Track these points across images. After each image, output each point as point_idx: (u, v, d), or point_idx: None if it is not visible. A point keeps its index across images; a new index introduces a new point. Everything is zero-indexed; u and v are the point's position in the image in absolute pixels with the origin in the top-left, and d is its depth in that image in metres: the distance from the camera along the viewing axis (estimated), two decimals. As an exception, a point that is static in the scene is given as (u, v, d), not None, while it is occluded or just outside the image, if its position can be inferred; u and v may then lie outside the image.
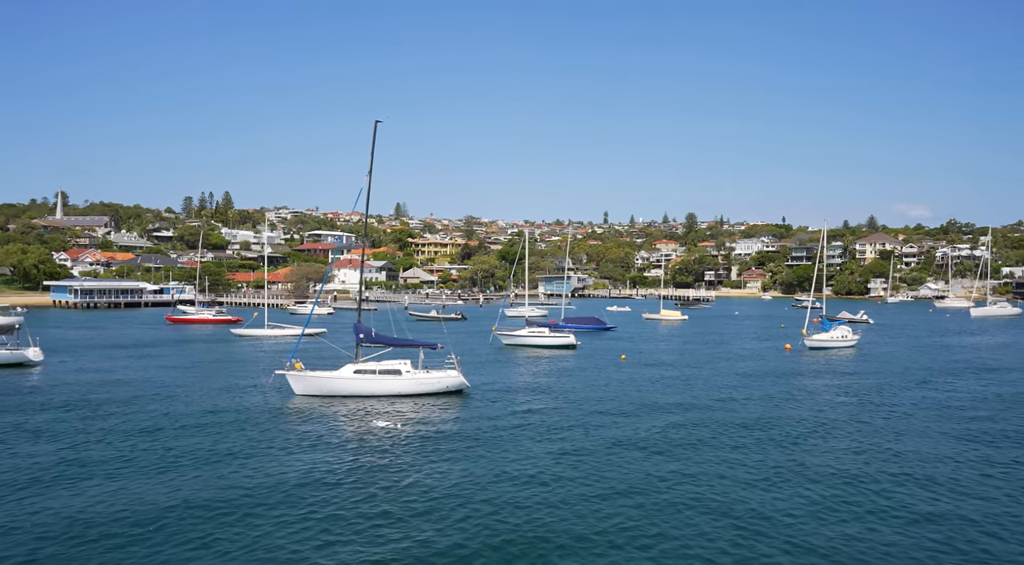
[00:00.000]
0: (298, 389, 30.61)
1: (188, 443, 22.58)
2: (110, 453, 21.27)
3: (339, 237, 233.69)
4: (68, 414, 27.12)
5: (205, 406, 28.88)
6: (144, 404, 29.26)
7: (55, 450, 21.54)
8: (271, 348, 53.02)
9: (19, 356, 41.34)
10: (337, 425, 25.32)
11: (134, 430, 24.57)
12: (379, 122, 31.34)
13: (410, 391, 30.20)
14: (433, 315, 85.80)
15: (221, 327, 74.99)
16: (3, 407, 28.43)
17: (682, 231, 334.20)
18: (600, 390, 33.45)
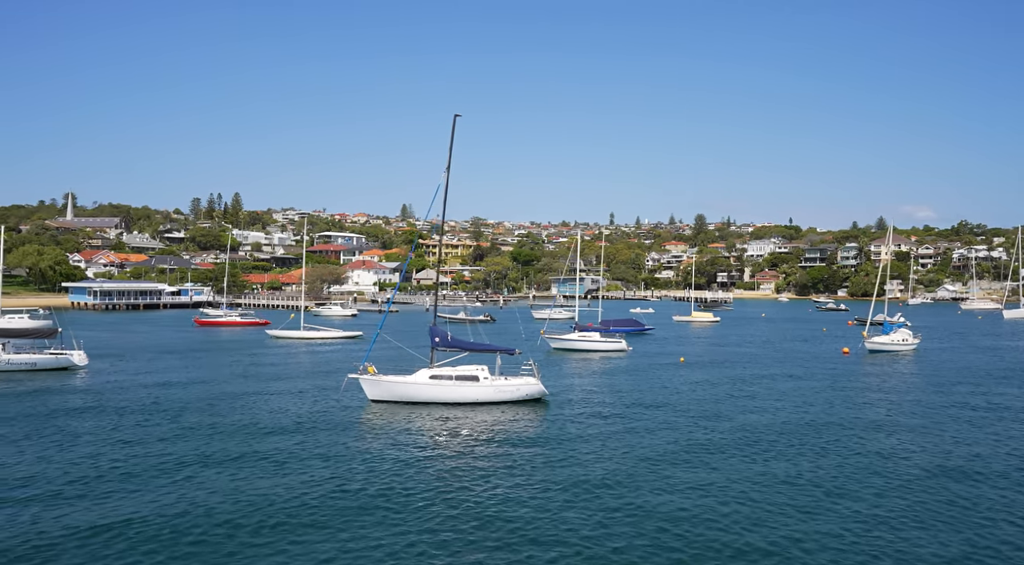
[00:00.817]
0: (372, 394, 29.38)
1: (272, 448, 21.75)
2: (205, 456, 20.26)
3: (349, 238, 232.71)
4: (148, 419, 25.88)
5: (283, 411, 27.74)
6: (218, 409, 28.08)
7: (151, 452, 20.33)
8: (311, 350, 51.79)
9: (65, 360, 40.11)
10: (416, 433, 24.16)
11: (220, 434, 23.58)
12: (458, 116, 30.12)
13: (489, 398, 28.89)
14: (461, 317, 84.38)
15: (251, 329, 73.77)
16: (71, 411, 27.20)
17: (690, 232, 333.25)
18: (677, 394, 32.26)
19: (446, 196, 30.14)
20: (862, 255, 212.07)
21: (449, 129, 30.15)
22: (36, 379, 36.33)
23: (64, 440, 22.84)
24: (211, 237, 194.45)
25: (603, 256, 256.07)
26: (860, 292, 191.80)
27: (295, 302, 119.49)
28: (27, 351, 40.58)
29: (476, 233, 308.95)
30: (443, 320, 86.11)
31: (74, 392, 32.35)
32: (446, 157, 29.79)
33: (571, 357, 47.63)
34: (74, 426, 24.96)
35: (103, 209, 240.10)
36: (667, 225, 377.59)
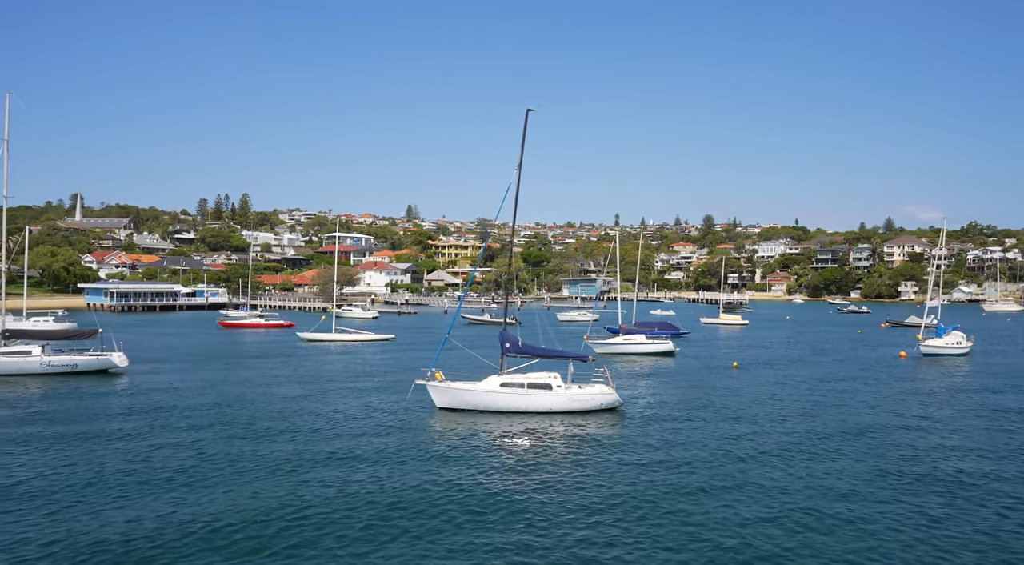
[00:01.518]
0: (439, 401, 28.16)
1: (349, 454, 20.84)
2: (297, 460, 19.23)
3: (357, 239, 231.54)
4: (222, 426, 24.70)
5: (353, 417, 26.62)
6: (287, 414, 26.91)
7: (244, 456, 19.16)
8: (348, 352, 50.59)
9: (106, 361, 38.91)
10: (489, 443, 22.95)
11: (300, 440, 22.47)
12: (531, 110, 28.84)
13: (562, 408, 27.51)
14: (486, 319, 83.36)
15: (278, 331, 72.55)
16: (137, 414, 26.01)
17: (696, 234, 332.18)
18: (758, 402, 30.99)
19: (517, 195, 28.93)
20: (875, 256, 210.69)
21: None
22: (79, 382, 35.22)
23: (153, 447, 21.67)
24: (221, 238, 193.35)
25: (617, 257, 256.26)
26: (874, 294, 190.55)
27: (315, 303, 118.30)
28: (66, 352, 39.48)
29: (483, 234, 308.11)
30: (464, 321, 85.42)
31: (128, 395, 31.16)
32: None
33: (617, 361, 46.36)
34: (152, 432, 23.79)
35: (111, 210, 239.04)
36: (672, 226, 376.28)
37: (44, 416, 26.63)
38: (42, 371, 37.59)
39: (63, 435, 23.36)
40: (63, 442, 22.39)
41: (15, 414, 26.95)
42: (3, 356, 37.65)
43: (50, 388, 33.37)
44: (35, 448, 21.65)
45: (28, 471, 19.11)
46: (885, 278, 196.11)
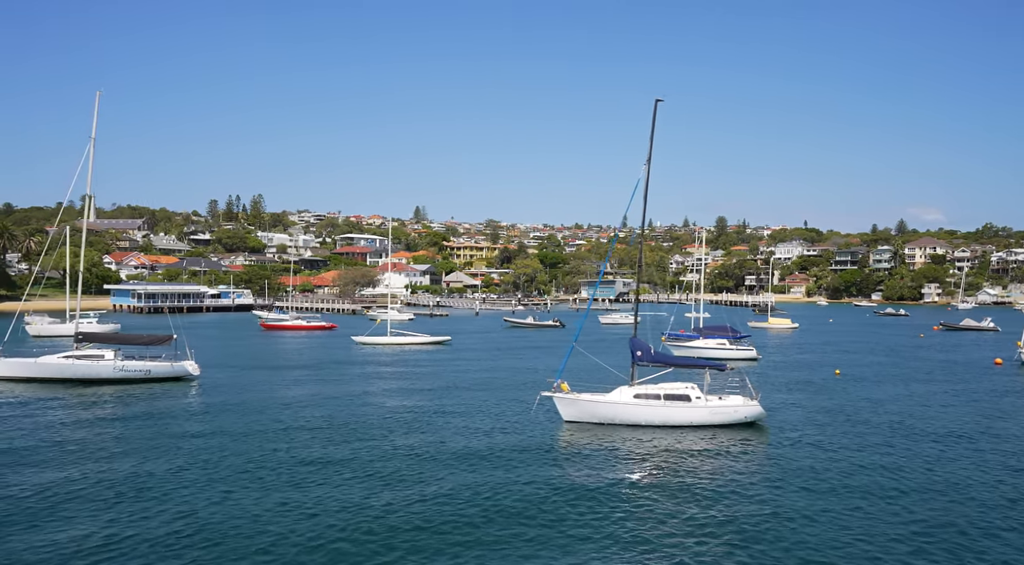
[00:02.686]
0: (567, 414, 26.22)
1: (475, 470, 19.23)
2: (406, 476, 17.48)
3: (372, 240, 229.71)
4: (331, 439, 22.80)
5: (472, 431, 24.68)
6: (398, 427, 25.02)
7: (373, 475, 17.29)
8: (405, 357, 48.65)
9: (180, 369, 36.99)
10: (625, 460, 21.15)
11: (422, 457, 20.84)
12: (660, 101, 26.97)
13: (702, 421, 25.51)
14: (530, 322, 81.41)
15: (322, 334, 70.53)
16: (242, 432, 24.10)
17: (706, 235, 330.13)
18: (903, 415, 29.04)
19: (647, 191, 27.00)
20: (896, 258, 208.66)
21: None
22: (156, 389, 33.35)
23: (266, 464, 19.76)
24: (237, 239, 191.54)
25: (624, 259, 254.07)
26: (896, 296, 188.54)
27: (343, 305, 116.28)
28: (137, 357, 37.56)
29: (494, 235, 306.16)
30: (507, 324, 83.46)
31: (218, 408, 29.23)
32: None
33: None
34: (261, 447, 21.87)
35: (122, 211, 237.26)
36: (681, 228, 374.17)
37: (163, 430, 24.72)
38: (115, 376, 35.72)
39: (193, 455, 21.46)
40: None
41: (126, 427, 25.05)
42: (77, 360, 35.84)
43: (127, 395, 31.46)
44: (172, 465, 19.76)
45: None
46: (907, 280, 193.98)
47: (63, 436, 23.41)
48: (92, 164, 38.06)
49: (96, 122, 37.85)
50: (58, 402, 29.77)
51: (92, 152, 38.04)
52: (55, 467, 19.57)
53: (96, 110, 37.79)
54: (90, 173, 38.13)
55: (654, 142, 27.07)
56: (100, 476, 18.69)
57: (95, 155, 37.85)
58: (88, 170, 38.05)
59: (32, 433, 23.73)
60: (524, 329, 79.15)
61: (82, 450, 21.51)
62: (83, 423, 25.56)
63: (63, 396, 31.28)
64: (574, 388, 27.76)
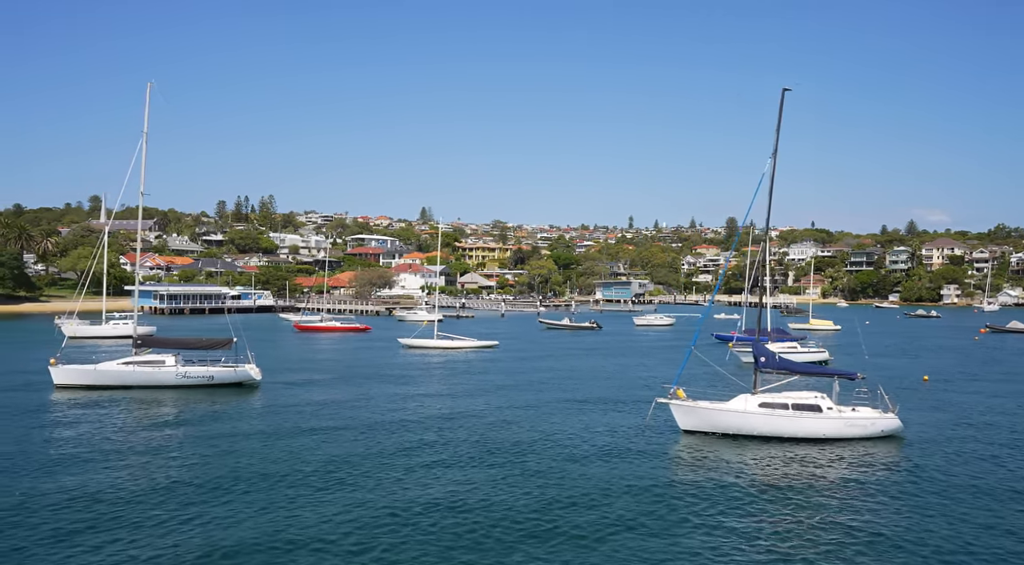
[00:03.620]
0: (685, 423, 24.54)
1: (585, 481, 17.97)
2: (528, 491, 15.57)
3: (383, 241, 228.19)
4: (432, 450, 21.13)
5: (583, 441, 23.13)
6: (504, 435, 23.34)
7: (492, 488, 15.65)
8: (464, 361, 46.96)
9: (243, 374, 35.29)
10: (755, 475, 19.52)
11: (550, 476, 18.99)
12: (787, 90, 25.30)
13: (835, 434, 23.67)
14: (566, 323, 79.71)
15: (360, 336, 68.80)
16: (330, 459, 22.40)
17: (712, 235, 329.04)
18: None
19: (772, 186, 25.33)
20: (913, 259, 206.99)
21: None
22: (219, 396, 31.68)
23: (375, 481, 18.07)
24: (249, 239, 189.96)
25: (636, 260, 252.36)
26: (915, 297, 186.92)
27: (369, 306, 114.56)
28: (197, 362, 35.87)
29: (502, 236, 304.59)
30: (543, 325, 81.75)
31: (297, 414, 27.54)
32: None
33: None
34: (376, 460, 20.20)
35: (131, 212, 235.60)
36: (688, 228, 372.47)
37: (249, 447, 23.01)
38: (177, 383, 34.05)
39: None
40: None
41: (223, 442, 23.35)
42: (138, 366, 34.15)
43: (190, 403, 29.78)
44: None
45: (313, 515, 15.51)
46: (925, 281, 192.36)
47: (142, 446, 21.75)
48: (145, 160, 36.41)
49: (148, 116, 36.23)
50: (120, 409, 28.11)
51: (144, 147, 36.41)
52: (151, 479, 17.90)
53: (147, 103, 36.15)
54: (143, 169, 36.48)
55: (778, 133, 25.28)
56: (188, 501, 17.01)
57: (144, 151, 36.18)
58: (141, 166, 36.40)
59: (111, 442, 22.06)
60: (560, 331, 77.48)
61: (159, 472, 19.85)
62: (150, 435, 23.89)
63: (125, 404, 29.60)
64: (697, 396, 26.03)
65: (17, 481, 18.08)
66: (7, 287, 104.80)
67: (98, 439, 22.95)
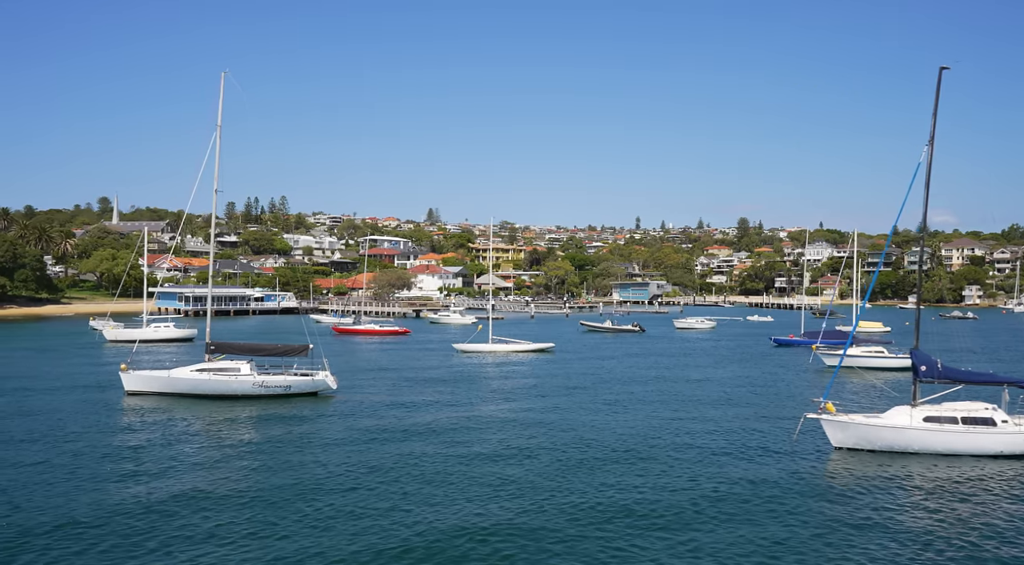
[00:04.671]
0: (837, 440, 22.61)
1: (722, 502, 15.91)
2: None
3: (396, 242, 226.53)
4: (582, 465, 19.27)
5: (724, 457, 21.22)
6: (643, 448, 21.48)
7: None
8: (519, 364, 45.05)
9: (321, 383, 33.43)
10: (926, 502, 17.54)
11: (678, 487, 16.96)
12: (945, 69, 23.32)
13: (1012, 450, 21.69)
14: (608, 326, 77.79)
15: (400, 339, 66.85)
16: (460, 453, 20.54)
17: (721, 236, 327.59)
18: None
19: (929, 177, 23.41)
20: (933, 259, 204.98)
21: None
22: (296, 407, 29.94)
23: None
24: (263, 241, 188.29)
25: (648, 261, 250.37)
26: (936, 298, 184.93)
27: (395, 309, 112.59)
28: (272, 370, 34.05)
29: (511, 237, 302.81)
30: (584, 328, 79.80)
31: (396, 422, 25.66)
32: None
33: (861, 378, 40.78)
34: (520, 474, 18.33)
35: (142, 213, 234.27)
36: (696, 229, 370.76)
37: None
38: (253, 392, 32.22)
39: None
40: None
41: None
42: (212, 374, 32.32)
43: (268, 414, 27.96)
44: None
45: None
46: (946, 282, 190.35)
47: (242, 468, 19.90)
48: (219, 154, 34.61)
49: (222, 107, 34.47)
50: (196, 419, 26.29)
51: (219, 142, 34.62)
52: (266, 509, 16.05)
53: (222, 94, 34.37)
54: (217, 164, 34.66)
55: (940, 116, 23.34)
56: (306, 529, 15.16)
57: (218, 146, 34.22)
58: (215, 160, 34.58)
59: (200, 455, 20.23)
60: (603, 333, 75.59)
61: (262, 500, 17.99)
62: (247, 449, 22.05)
63: (202, 414, 27.79)
64: (850, 409, 24.09)
65: (101, 493, 16.45)
66: (30, 289, 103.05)
67: (186, 452, 21.12)
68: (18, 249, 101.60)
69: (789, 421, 26.33)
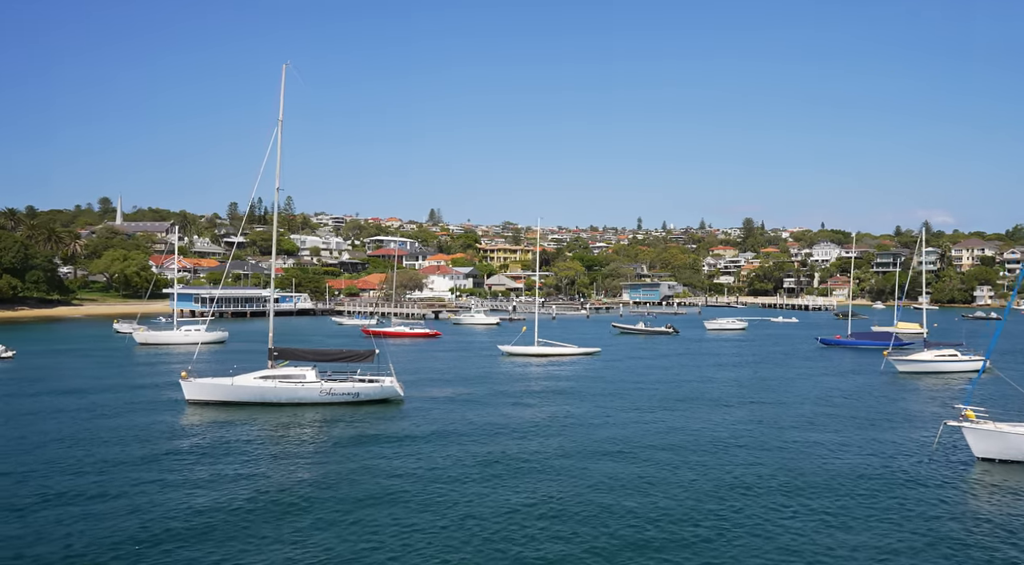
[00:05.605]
0: (981, 450, 21.11)
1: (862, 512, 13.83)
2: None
3: (402, 242, 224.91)
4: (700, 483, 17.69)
5: (856, 468, 19.72)
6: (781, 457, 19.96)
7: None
8: (569, 367, 43.44)
9: (390, 390, 31.81)
10: None
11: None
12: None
13: None
14: (641, 328, 76.26)
15: (431, 342, 65.05)
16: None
17: (724, 237, 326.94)
18: None
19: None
20: (943, 260, 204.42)
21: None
22: (366, 415, 28.31)
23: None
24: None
25: (655, 261, 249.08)
26: (946, 298, 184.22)
27: (414, 310, 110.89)
28: (336, 377, 32.44)
29: (514, 238, 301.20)
30: (616, 330, 78.34)
31: (479, 433, 24.04)
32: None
33: (929, 381, 39.39)
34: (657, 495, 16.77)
35: (144, 213, 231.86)
36: (698, 229, 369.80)
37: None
38: (321, 400, 30.61)
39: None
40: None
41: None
42: (278, 381, 30.67)
43: (349, 421, 26.34)
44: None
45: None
46: (956, 282, 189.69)
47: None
48: (280, 151, 32.92)
49: (283, 100, 32.75)
50: (265, 429, 24.65)
51: (280, 137, 32.94)
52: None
53: (283, 86, 32.63)
54: (279, 161, 32.98)
55: None
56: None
57: (279, 142, 32.40)
58: (276, 158, 32.89)
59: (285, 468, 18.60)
60: (635, 336, 74.06)
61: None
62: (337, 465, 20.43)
63: (270, 423, 26.16)
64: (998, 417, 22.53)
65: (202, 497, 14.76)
66: (41, 290, 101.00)
67: (263, 466, 19.49)
68: (29, 250, 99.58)
69: (919, 430, 24.92)
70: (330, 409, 29.77)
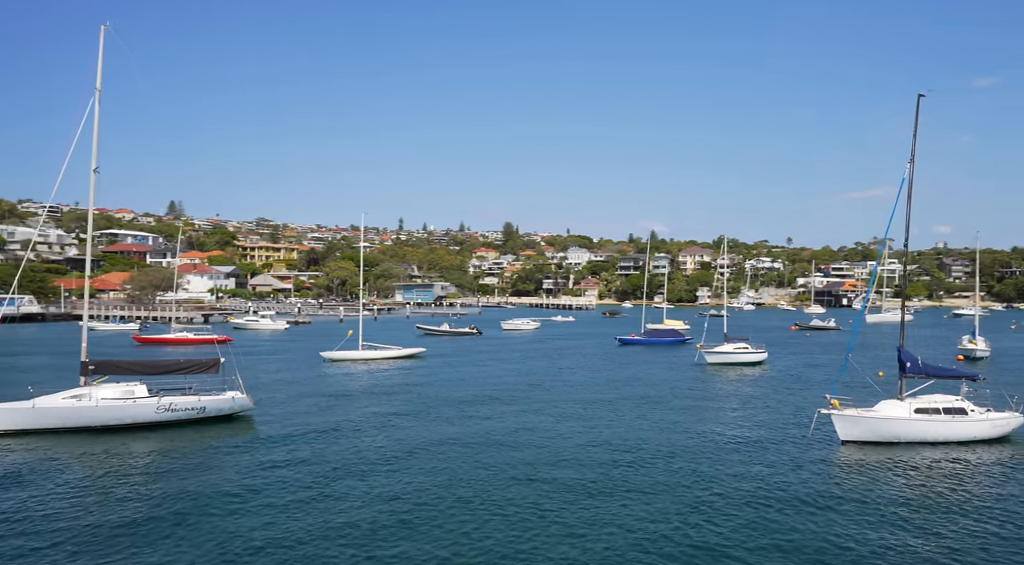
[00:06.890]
0: (846, 434, 24.01)
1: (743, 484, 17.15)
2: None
3: (143, 237, 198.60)
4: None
5: (742, 449, 22.01)
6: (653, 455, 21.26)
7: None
8: (398, 372, 42.16)
9: (240, 402, 27.94)
10: (925, 488, 19.45)
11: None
12: (922, 96, 26.10)
13: (982, 435, 24.60)
14: (445, 329, 76.08)
15: (226, 349, 57.60)
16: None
17: (483, 240, 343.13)
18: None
19: (911, 193, 26.16)
20: (672, 264, 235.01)
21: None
22: (214, 435, 24.86)
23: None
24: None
25: (425, 262, 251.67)
26: (675, 298, 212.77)
27: (205, 314, 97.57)
28: (172, 392, 27.28)
29: (272, 236, 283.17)
30: (420, 332, 76.73)
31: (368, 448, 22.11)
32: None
33: (725, 372, 44.59)
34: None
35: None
36: (459, 231, 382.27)
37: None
38: (156, 419, 25.72)
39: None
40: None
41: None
42: (100, 400, 24.79)
43: (173, 450, 22.58)
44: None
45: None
46: (683, 284, 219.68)
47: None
48: (97, 124, 26.65)
49: (101, 67, 26.50)
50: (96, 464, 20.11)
51: (97, 108, 26.65)
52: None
53: (101, 51, 26.43)
54: (95, 136, 26.66)
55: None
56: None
57: (96, 113, 26.38)
58: (93, 133, 26.59)
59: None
60: (440, 337, 73.66)
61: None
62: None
63: (99, 454, 21.32)
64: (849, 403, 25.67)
65: None
66: None
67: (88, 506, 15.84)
68: None
69: (790, 417, 27.97)
70: (171, 431, 24.87)
